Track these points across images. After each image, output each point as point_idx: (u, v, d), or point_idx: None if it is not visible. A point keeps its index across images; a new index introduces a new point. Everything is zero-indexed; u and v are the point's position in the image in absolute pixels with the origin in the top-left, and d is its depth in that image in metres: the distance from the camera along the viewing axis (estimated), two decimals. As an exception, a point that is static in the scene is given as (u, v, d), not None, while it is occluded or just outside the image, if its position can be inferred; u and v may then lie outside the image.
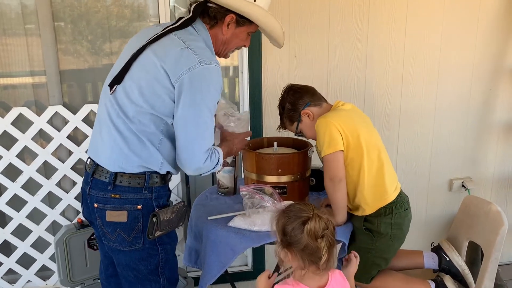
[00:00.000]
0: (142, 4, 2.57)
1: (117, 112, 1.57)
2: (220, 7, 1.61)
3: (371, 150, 1.86)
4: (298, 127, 1.98)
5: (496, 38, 2.80)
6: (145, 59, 1.56)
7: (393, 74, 2.75)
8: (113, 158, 1.58)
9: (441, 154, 2.93)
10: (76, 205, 2.57)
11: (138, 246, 1.61)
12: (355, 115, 1.95)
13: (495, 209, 1.98)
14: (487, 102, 2.90)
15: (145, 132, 1.55)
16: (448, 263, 2.03)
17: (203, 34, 1.63)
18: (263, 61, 2.55)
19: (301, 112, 1.94)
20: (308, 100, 1.95)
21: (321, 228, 1.38)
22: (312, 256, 1.39)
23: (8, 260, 2.56)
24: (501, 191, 3.09)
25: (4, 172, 2.44)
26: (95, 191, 1.61)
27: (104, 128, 1.61)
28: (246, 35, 1.72)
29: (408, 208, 1.94)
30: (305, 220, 1.38)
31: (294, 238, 1.39)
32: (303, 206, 1.44)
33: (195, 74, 1.50)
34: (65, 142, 2.49)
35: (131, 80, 1.56)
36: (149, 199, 1.60)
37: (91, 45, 2.57)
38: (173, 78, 1.50)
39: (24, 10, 2.45)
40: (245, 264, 2.91)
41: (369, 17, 2.62)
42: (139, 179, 1.58)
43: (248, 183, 2.04)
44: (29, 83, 2.54)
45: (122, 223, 1.58)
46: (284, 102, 1.99)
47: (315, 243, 1.37)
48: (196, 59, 1.50)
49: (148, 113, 1.54)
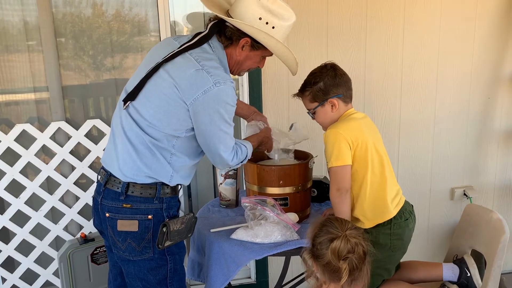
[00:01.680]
0: (142, 19, 2.60)
1: (131, 126, 1.60)
2: (236, 29, 1.61)
3: (376, 165, 1.85)
4: (317, 110, 1.91)
5: (493, 47, 2.83)
6: (160, 79, 1.58)
7: (392, 84, 2.77)
8: (126, 169, 1.61)
9: (442, 163, 2.94)
10: (79, 220, 2.58)
11: (147, 256, 1.64)
12: (366, 127, 1.90)
13: (496, 217, 1.98)
14: (486, 111, 2.91)
15: (157, 146, 1.59)
16: (468, 278, 2.00)
17: (218, 53, 1.65)
18: (262, 74, 2.58)
19: (329, 99, 1.87)
20: (341, 92, 1.87)
21: (345, 249, 1.39)
22: (333, 274, 1.41)
23: (12, 276, 2.56)
24: (502, 199, 3.09)
25: (7, 188, 2.45)
26: (107, 200, 1.64)
27: (119, 140, 1.64)
28: (260, 58, 1.73)
29: (409, 219, 1.91)
30: (332, 238, 1.40)
31: (320, 251, 1.42)
32: (338, 223, 1.45)
33: (210, 96, 1.53)
34: (68, 158, 2.51)
35: (146, 99, 1.59)
36: (159, 210, 1.63)
37: (93, 60, 2.60)
38: (188, 101, 1.54)
39: (27, 26, 2.48)
40: (248, 277, 2.90)
41: (367, 28, 2.65)
42: (151, 190, 1.61)
43: (250, 195, 2.05)
44: (31, 99, 2.57)
45: (132, 233, 1.61)
46: (318, 79, 1.87)
47: (337, 263, 1.38)
48: (211, 81, 1.53)
49: (162, 130, 1.57)
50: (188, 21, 2.58)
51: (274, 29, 1.61)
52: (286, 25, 1.64)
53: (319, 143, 2.70)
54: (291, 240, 1.82)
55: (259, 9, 1.58)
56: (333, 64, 1.90)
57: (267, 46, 1.64)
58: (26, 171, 2.51)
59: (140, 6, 2.57)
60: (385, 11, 2.65)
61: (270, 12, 1.59)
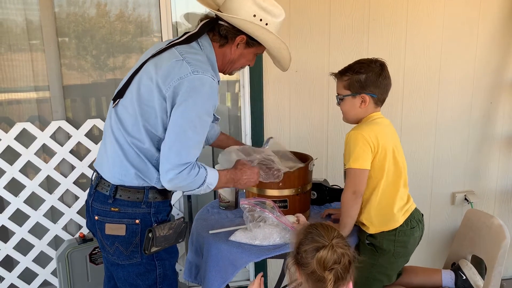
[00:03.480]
0: (145, 20, 2.61)
1: (118, 125, 1.60)
2: (232, 27, 1.61)
3: (391, 173, 1.83)
4: (346, 98, 1.85)
5: (496, 52, 2.82)
6: (143, 72, 1.59)
7: (393, 88, 2.71)
8: (114, 170, 1.60)
9: (443, 168, 2.93)
10: (79, 219, 2.58)
11: (135, 261, 1.62)
12: (389, 133, 1.86)
13: (497, 222, 1.97)
14: (488, 115, 2.90)
15: (141, 148, 1.57)
16: (465, 282, 2.00)
17: (207, 51, 1.64)
18: (264, 76, 2.57)
19: (362, 93, 1.81)
20: (377, 93, 1.82)
21: (331, 260, 1.33)
22: (317, 283, 1.35)
23: (10, 275, 2.55)
24: (504, 205, 3.07)
25: (7, 187, 2.45)
26: (96, 203, 1.64)
27: (108, 141, 1.64)
28: (253, 56, 1.74)
29: (415, 227, 1.89)
30: (319, 247, 1.34)
31: (304, 260, 1.36)
32: (324, 231, 1.38)
33: (185, 82, 1.49)
34: (68, 157, 2.50)
35: (131, 94, 1.59)
36: (147, 214, 1.61)
37: (95, 60, 2.60)
38: (164, 88, 1.51)
39: (29, 26, 2.48)
40: (246, 279, 2.89)
41: (369, 32, 2.64)
42: (138, 194, 1.59)
43: (249, 197, 2.04)
44: (32, 98, 2.57)
45: (120, 237, 1.60)
46: (363, 70, 1.81)
47: (322, 273, 1.32)
48: (190, 69, 1.51)
49: (143, 127, 1.55)
50: (186, 20, 2.58)
51: (267, 25, 1.61)
52: (277, 21, 1.65)
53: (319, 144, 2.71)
54: (290, 242, 1.81)
55: (253, 6, 1.59)
56: (383, 62, 1.85)
57: (264, 42, 1.64)
58: (26, 170, 2.51)
59: (143, 7, 2.58)
60: (388, 14, 2.64)
61: (263, 9, 1.60)
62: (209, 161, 2.79)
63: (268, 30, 1.60)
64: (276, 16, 1.64)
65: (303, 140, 2.66)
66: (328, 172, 2.72)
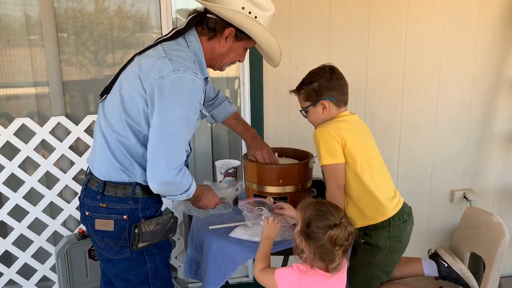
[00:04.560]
0: (144, 15, 2.60)
1: (104, 121, 1.61)
2: (220, 19, 1.60)
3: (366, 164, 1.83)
4: (308, 108, 1.92)
5: (496, 50, 2.82)
6: (129, 69, 1.60)
7: (393, 86, 2.76)
8: (102, 166, 1.62)
9: (442, 165, 2.93)
10: (78, 215, 2.57)
11: (125, 255, 1.64)
12: (356, 128, 1.90)
13: (496, 220, 1.98)
14: (488, 114, 2.91)
15: (125, 144, 1.57)
16: (447, 269, 2.00)
17: (194, 46, 1.62)
18: (264, 73, 2.57)
19: (321, 100, 1.87)
20: (334, 95, 1.87)
21: (342, 238, 1.47)
22: (325, 256, 1.48)
23: (8, 270, 2.55)
24: (502, 202, 3.08)
25: (6, 182, 2.45)
26: (87, 199, 1.65)
27: (97, 137, 1.66)
28: (243, 50, 1.72)
29: (407, 220, 1.91)
30: (331, 225, 1.47)
31: (316, 235, 1.48)
32: (334, 209, 1.52)
33: (166, 82, 1.47)
34: (67, 153, 2.50)
35: (116, 90, 1.60)
36: (135, 210, 1.62)
37: (94, 56, 2.59)
38: (146, 85, 1.50)
39: (28, 21, 2.47)
40: (246, 275, 2.90)
41: (369, 30, 2.64)
42: (125, 190, 1.60)
43: (250, 194, 2.04)
44: (32, 94, 2.56)
45: (109, 232, 1.61)
46: (314, 79, 1.88)
47: (332, 248, 1.46)
48: (171, 67, 1.49)
49: (127, 123, 1.55)
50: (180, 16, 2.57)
51: (256, 19, 1.60)
52: (267, 15, 1.63)
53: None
54: (289, 239, 1.81)
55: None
56: (332, 66, 1.90)
57: (253, 34, 1.62)
58: (25, 165, 2.51)
59: (142, 3, 2.57)
60: (388, 11, 2.64)
61: (252, 2, 1.59)
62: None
63: (256, 21, 1.58)
64: (266, 10, 1.62)
65: (303, 137, 2.66)
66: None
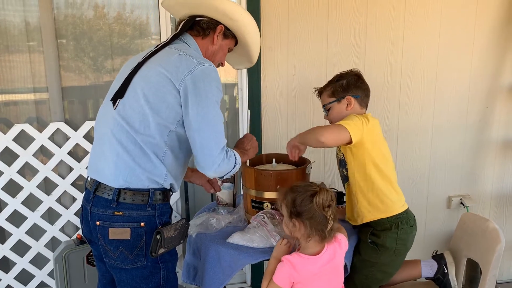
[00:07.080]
0: (144, 22, 2.61)
1: (121, 126, 1.57)
2: (210, 18, 1.72)
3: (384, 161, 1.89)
4: (331, 104, 1.97)
5: (492, 57, 2.84)
6: (147, 70, 1.59)
7: (390, 92, 2.78)
8: (118, 173, 1.57)
9: (439, 172, 2.94)
10: (76, 221, 2.58)
11: (140, 264, 1.60)
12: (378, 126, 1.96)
13: (492, 226, 1.99)
14: (484, 120, 2.93)
15: (150, 143, 1.56)
16: (444, 275, 2.04)
17: (193, 46, 1.72)
18: (262, 79, 2.59)
19: (347, 96, 1.94)
20: (360, 94, 1.95)
21: (328, 199, 1.59)
22: (319, 225, 1.59)
23: (6, 276, 2.55)
24: (499, 209, 3.09)
25: (4, 188, 2.45)
26: (97, 208, 1.60)
27: (106, 145, 1.61)
28: (227, 50, 1.82)
29: (413, 225, 1.96)
30: (313, 193, 1.59)
31: (304, 207, 1.59)
32: (308, 183, 1.68)
33: (196, 75, 1.55)
34: (66, 159, 2.51)
35: (134, 92, 1.58)
36: (152, 216, 1.60)
37: (93, 62, 2.61)
38: (177, 83, 1.55)
39: (28, 27, 2.49)
40: (243, 281, 2.90)
41: (367, 36, 2.66)
42: (143, 196, 1.58)
43: (247, 199, 2.05)
44: (31, 100, 2.57)
45: (125, 241, 1.57)
46: (343, 77, 1.97)
47: (322, 212, 1.58)
48: (195, 62, 1.57)
49: (154, 121, 1.55)
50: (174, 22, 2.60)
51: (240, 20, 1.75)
52: None
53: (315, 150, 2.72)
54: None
55: None
56: (360, 72, 2.01)
57: (242, 25, 1.74)
58: (23, 171, 2.52)
59: (142, 9, 2.58)
60: (385, 20, 2.67)
61: None
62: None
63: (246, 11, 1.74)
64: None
65: (300, 143, 2.67)
66: (325, 175, 2.73)
